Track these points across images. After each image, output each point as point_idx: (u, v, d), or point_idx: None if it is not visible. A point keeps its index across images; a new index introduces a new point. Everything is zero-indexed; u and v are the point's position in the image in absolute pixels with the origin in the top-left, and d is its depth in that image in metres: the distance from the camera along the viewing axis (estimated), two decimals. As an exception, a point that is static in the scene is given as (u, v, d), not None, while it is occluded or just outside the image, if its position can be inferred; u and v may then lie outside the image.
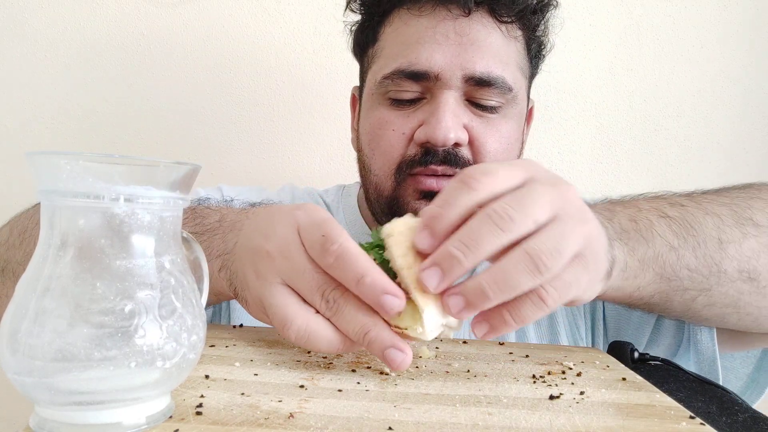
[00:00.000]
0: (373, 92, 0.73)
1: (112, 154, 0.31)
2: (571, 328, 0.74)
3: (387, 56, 0.72)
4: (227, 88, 1.11)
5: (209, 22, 1.09)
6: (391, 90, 0.70)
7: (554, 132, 1.13)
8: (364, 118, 0.76)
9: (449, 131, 0.66)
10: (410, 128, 0.69)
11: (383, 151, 0.71)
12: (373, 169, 0.73)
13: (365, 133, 0.75)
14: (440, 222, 0.40)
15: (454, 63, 0.67)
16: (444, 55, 0.67)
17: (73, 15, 1.08)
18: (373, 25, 0.76)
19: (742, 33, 1.12)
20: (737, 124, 1.14)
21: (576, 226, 0.41)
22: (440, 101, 0.67)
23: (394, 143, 0.70)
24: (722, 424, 0.42)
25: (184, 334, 0.33)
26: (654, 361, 0.56)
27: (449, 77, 0.67)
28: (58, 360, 0.29)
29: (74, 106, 1.10)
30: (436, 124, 0.66)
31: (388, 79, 0.70)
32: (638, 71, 1.13)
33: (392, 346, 0.41)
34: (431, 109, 0.68)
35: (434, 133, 0.66)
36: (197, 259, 0.43)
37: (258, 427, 0.33)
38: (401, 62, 0.69)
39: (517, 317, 0.41)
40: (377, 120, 0.72)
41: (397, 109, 0.71)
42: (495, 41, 0.69)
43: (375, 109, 0.73)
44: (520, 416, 0.37)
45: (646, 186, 1.14)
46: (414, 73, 0.68)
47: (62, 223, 0.31)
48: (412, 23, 0.70)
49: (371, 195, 0.75)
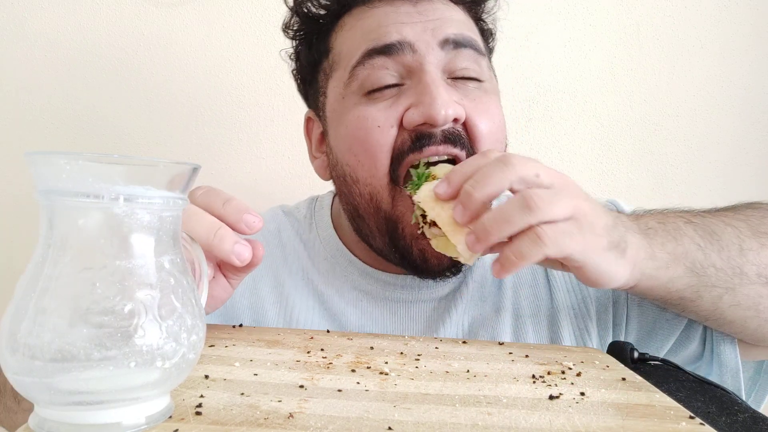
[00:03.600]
0: (343, 95, 0.67)
1: (111, 154, 0.31)
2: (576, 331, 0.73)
3: (349, 52, 0.67)
4: (227, 88, 1.11)
5: (209, 22, 1.09)
6: (366, 79, 0.64)
7: (554, 132, 1.13)
8: (336, 128, 0.69)
9: (447, 105, 0.60)
10: (395, 118, 0.63)
11: (371, 152, 0.64)
12: (361, 178, 0.65)
13: (342, 142, 0.67)
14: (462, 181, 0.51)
15: (425, 31, 0.64)
16: (413, 28, 0.64)
17: (73, 15, 1.08)
18: (321, 38, 0.72)
19: (742, 33, 1.12)
20: (737, 124, 1.14)
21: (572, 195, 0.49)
22: (427, 78, 0.62)
23: (381, 140, 0.63)
24: (722, 424, 0.42)
25: (184, 334, 0.33)
26: (654, 361, 0.56)
27: (425, 46, 0.64)
28: (57, 360, 0.29)
29: (74, 106, 1.10)
30: (432, 101, 0.60)
31: (359, 66, 0.65)
32: (638, 71, 1.13)
33: (238, 242, 0.50)
34: (419, 89, 0.63)
35: (431, 111, 0.60)
36: (197, 259, 0.43)
37: (258, 427, 0.33)
38: (368, 43, 0.65)
39: (517, 252, 0.47)
40: (357, 120, 0.65)
41: (377, 101, 0.64)
42: (458, 15, 0.69)
43: (350, 110, 0.66)
44: (520, 416, 0.37)
45: (646, 186, 1.15)
46: (387, 46, 0.63)
47: (62, 223, 0.31)
48: (368, 14, 0.67)
49: (363, 211, 0.68)
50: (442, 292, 0.73)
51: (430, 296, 0.73)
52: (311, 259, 0.77)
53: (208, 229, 0.49)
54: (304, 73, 0.77)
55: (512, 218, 0.47)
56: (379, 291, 0.73)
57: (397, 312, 0.73)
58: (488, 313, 0.72)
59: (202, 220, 0.50)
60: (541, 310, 0.72)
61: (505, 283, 0.73)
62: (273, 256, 0.77)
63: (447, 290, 0.73)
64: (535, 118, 1.13)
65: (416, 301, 0.73)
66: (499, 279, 0.73)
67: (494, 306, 0.72)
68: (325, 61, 0.72)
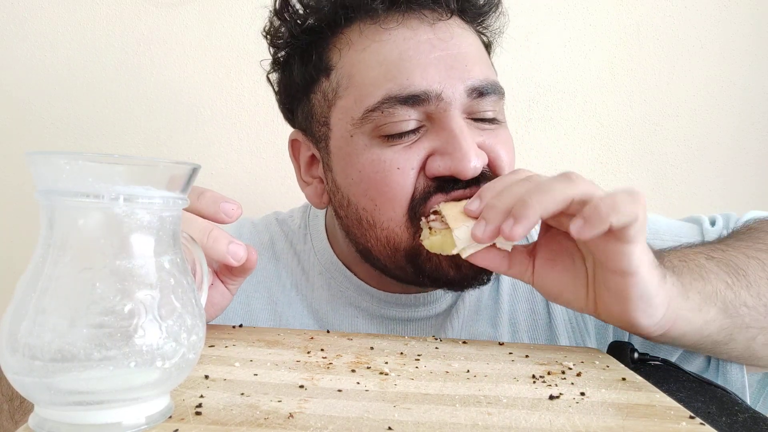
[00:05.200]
0: (352, 134, 0.61)
1: (111, 154, 0.31)
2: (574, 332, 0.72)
3: (363, 84, 0.60)
4: (227, 88, 1.10)
5: (209, 22, 1.09)
6: (382, 124, 0.59)
7: (554, 132, 1.13)
8: (345, 169, 0.63)
9: (476, 160, 0.58)
10: (417, 161, 0.59)
11: (391, 197, 0.60)
12: (379, 223, 0.62)
13: (356, 186, 0.62)
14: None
15: (452, 76, 0.59)
16: (438, 69, 0.59)
17: (73, 15, 1.08)
18: (318, 53, 0.64)
19: (742, 33, 1.12)
20: (737, 124, 1.14)
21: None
22: (453, 127, 0.58)
23: (403, 184, 0.59)
24: (722, 424, 0.42)
25: (184, 334, 0.33)
26: (654, 361, 0.56)
27: (452, 94, 0.59)
28: (57, 360, 0.29)
29: (74, 106, 1.09)
30: (462, 156, 0.57)
31: (376, 111, 0.59)
32: (638, 71, 1.13)
33: (232, 241, 0.49)
34: (443, 136, 0.59)
35: (460, 166, 0.57)
36: (197, 259, 0.43)
37: (257, 427, 0.33)
38: (390, 87, 0.58)
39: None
40: (372, 164, 0.60)
41: (395, 144, 0.60)
42: (474, 42, 0.64)
43: (364, 152, 0.61)
44: (520, 416, 0.37)
45: (646, 186, 1.14)
46: (410, 97, 0.58)
47: (62, 223, 0.31)
48: (382, 38, 0.60)
49: (377, 253, 0.64)
50: (438, 308, 0.72)
51: (427, 314, 0.72)
52: (305, 274, 0.75)
53: (201, 231, 0.49)
54: (293, 90, 0.68)
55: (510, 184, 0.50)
56: (375, 308, 0.72)
57: (394, 330, 0.72)
58: (485, 328, 0.71)
59: (194, 222, 0.49)
60: (538, 325, 0.71)
61: (502, 297, 0.72)
62: (266, 271, 0.76)
63: (443, 307, 0.72)
64: (535, 118, 1.13)
65: (413, 319, 0.72)
66: (498, 291, 0.72)
67: (491, 321, 0.71)
68: (324, 82, 0.64)
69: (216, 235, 0.49)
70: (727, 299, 0.53)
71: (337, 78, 0.63)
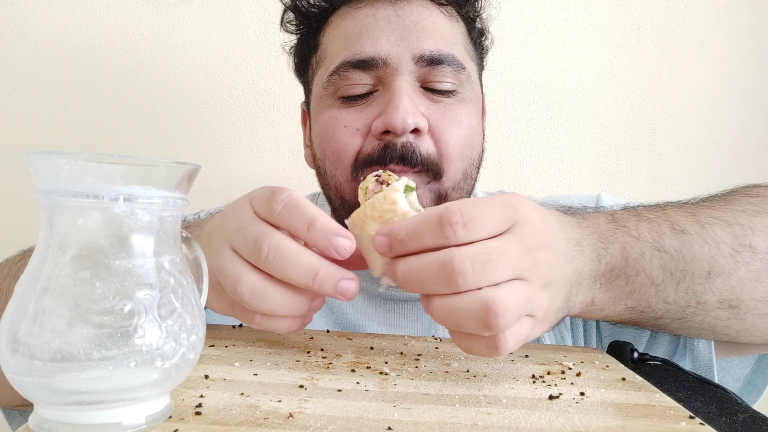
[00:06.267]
0: (321, 95, 0.70)
1: (111, 154, 0.31)
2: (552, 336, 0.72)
3: (331, 54, 0.70)
4: (227, 88, 1.11)
5: (209, 22, 1.09)
6: (340, 87, 0.67)
7: (554, 132, 1.13)
8: (314, 124, 0.73)
9: (407, 115, 0.62)
10: (364, 123, 0.66)
11: (336, 149, 0.67)
12: (328, 171, 0.69)
13: (317, 137, 0.71)
14: (399, 246, 0.42)
15: (401, 45, 0.65)
16: (389, 39, 0.65)
17: (73, 15, 1.08)
18: (311, 34, 0.74)
19: (742, 33, 1.12)
20: (737, 124, 1.14)
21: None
22: (394, 87, 0.64)
23: (346, 140, 0.66)
24: (722, 424, 0.42)
25: (184, 334, 0.33)
26: (654, 361, 0.56)
27: (398, 61, 0.65)
28: (57, 360, 0.29)
29: (74, 106, 1.10)
30: (393, 109, 0.62)
31: (335, 75, 0.67)
32: (638, 71, 1.13)
33: (343, 277, 0.43)
34: (386, 97, 0.65)
35: (392, 119, 0.62)
36: (197, 259, 0.43)
37: (257, 427, 0.33)
38: (345, 54, 0.67)
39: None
40: (327, 120, 0.68)
41: (349, 106, 0.67)
42: (438, 21, 0.68)
43: (324, 111, 0.69)
44: (520, 416, 0.37)
45: (646, 186, 1.15)
46: (360, 61, 0.65)
47: (61, 223, 0.31)
48: (350, 16, 0.69)
49: (334, 201, 0.71)
50: None
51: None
52: None
53: (306, 274, 0.43)
54: (300, 67, 0.80)
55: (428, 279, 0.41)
56: (373, 287, 0.74)
57: (392, 309, 0.73)
58: None
59: (299, 261, 0.43)
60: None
61: None
62: None
63: None
64: (535, 118, 1.13)
65: (410, 299, 0.73)
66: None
67: None
68: (313, 57, 0.75)
69: (322, 278, 0.43)
70: (644, 297, 0.52)
71: (319, 53, 0.73)
